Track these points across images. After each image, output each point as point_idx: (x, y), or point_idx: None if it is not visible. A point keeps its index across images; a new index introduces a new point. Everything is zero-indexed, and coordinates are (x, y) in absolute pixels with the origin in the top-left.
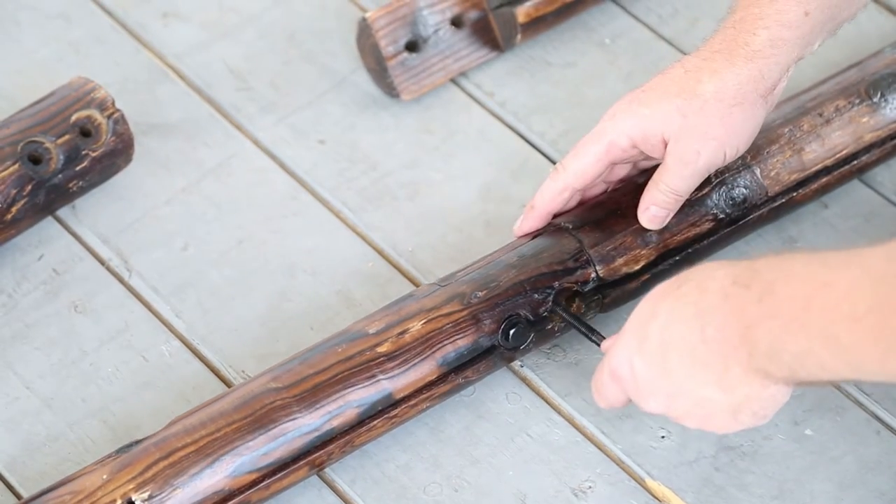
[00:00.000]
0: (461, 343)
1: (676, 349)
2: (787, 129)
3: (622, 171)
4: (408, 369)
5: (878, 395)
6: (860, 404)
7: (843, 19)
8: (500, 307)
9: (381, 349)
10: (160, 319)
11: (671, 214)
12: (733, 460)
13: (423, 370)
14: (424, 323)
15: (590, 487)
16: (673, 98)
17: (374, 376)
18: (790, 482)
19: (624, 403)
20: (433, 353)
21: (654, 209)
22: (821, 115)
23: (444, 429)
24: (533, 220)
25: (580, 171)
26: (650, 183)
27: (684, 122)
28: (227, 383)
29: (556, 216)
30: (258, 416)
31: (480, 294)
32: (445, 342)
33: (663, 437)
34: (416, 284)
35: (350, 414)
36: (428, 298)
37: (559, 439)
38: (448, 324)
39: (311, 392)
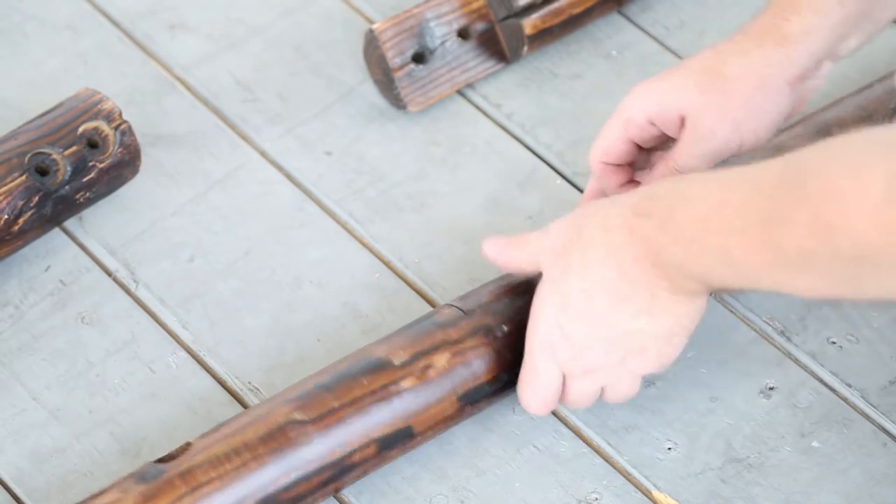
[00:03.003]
0: (483, 380)
1: (600, 291)
2: None
3: (646, 161)
4: (429, 406)
5: (885, 408)
6: (867, 416)
7: (882, 20)
8: (524, 341)
9: (406, 384)
10: (167, 331)
11: None
12: (740, 472)
13: (444, 406)
14: (449, 358)
15: (596, 499)
16: (695, 73)
17: (397, 414)
18: (797, 494)
19: (554, 397)
20: (455, 389)
21: None
22: None
23: (450, 440)
24: None
25: (604, 149)
26: (659, 163)
27: (703, 98)
28: (234, 394)
29: None
30: (283, 449)
31: (506, 328)
32: (468, 379)
33: (670, 448)
34: (423, 296)
35: (371, 449)
36: (454, 329)
37: (566, 451)
38: (473, 358)
39: (335, 426)
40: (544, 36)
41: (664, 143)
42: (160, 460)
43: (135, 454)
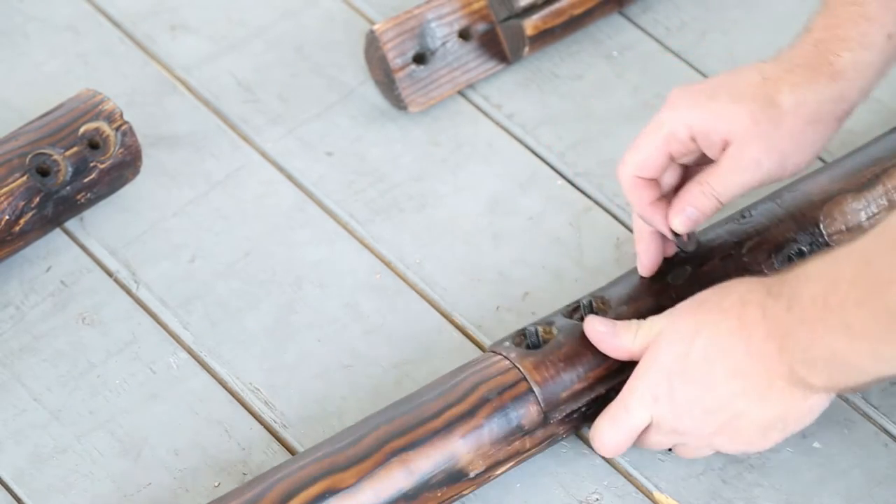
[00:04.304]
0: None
1: (721, 360)
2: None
3: (674, 176)
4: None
5: (887, 408)
6: (868, 417)
7: None
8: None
9: (467, 491)
10: (167, 331)
11: (703, 220)
12: (741, 473)
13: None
14: (512, 465)
15: (597, 500)
16: (748, 101)
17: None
18: (798, 495)
19: (631, 441)
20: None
21: (691, 210)
22: None
23: None
24: (646, 243)
25: (640, 163)
26: (691, 183)
27: (755, 128)
28: (235, 395)
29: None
30: None
31: (566, 423)
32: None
33: (671, 449)
34: (423, 296)
35: None
36: (530, 439)
37: (567, 451)
38: (530, 455)
39: None
40: (545, 37)
41: (699, 160)
42: None
43: (136, 455)
